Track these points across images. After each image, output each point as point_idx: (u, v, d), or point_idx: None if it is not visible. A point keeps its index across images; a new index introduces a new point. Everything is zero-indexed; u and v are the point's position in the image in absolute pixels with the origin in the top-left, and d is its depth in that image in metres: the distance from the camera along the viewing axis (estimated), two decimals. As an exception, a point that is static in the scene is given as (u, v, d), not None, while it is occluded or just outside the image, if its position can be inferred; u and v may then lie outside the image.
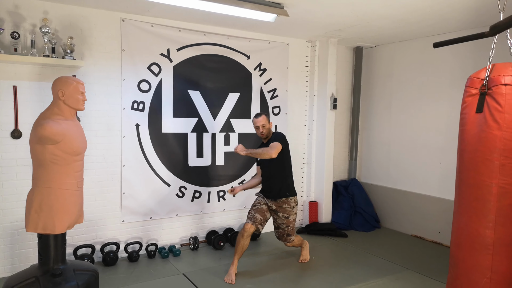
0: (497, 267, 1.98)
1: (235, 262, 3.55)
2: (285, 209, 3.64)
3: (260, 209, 3.64)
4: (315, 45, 5.10)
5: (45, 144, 2.43)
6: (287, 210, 3.64)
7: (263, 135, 3.67)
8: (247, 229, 3.50)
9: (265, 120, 3.64)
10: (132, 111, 3.97)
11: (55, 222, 2.49)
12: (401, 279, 3.59)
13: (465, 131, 2.10)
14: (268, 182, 3.71)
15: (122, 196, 3.97)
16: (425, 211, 4.79)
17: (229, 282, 3.43)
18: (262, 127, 3.63)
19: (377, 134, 5.46)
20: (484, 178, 2.00)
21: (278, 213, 3.65)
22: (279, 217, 3.66)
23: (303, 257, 3.98)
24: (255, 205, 3.69)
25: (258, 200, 3.73)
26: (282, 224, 3.67)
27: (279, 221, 3.67)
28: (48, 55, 3.37)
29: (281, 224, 3.67)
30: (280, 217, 3.65)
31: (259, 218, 3.58)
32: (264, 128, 3.64)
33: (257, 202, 3.71)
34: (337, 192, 5.43)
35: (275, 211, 3.67)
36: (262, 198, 3.73)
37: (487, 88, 2.02)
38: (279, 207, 3.64)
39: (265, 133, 3.65)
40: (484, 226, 2.00)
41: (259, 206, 3.66)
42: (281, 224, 3.67)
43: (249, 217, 3.60)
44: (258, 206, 3.66)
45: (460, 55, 4.39)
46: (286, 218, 3.64)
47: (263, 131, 3.64)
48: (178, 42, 4.18)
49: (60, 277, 2.51)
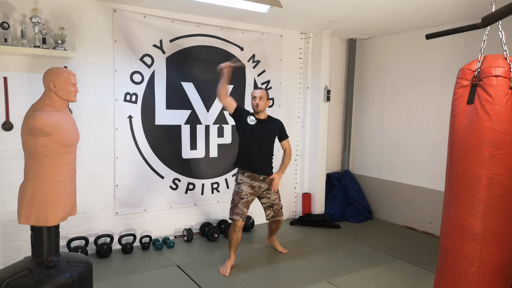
0: (485, 257, 2.01)
1: (232, 256, 3.56)
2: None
3: (247, 202, 3.57)
4: (308, 36, 5.09)
5: (36, 136, 2.41)
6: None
7: (257, 107, 3.57)
8: (238, 225, 3.49)
9: (264, 94, 3.60)
10: (124, 103, 3.94)
11: (48, 214, 2.48)
12: (393, 268, 3.64)
13: (456, 122, 2.12)
14: (259, 159, 3.60)
15: (116, 188, 3.96)
16: (416, 202, 4.85)
17: (223, 273, 3.45)
18: (259, 99, 3.56)
19: (370, 126, 5.49)
20: (474, 168, 2.03)
21: (270, 190, 3.68)
22: (272, 194, 3.70)
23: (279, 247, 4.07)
24: (242, 197, 3.56)
25: (245, 191, 3.57)
26: (276, 199, 3.73)
27: (273, 197, 3.71)
28: (38, 46, 3.33)
29: (275, 199, 3.72)
30: (273, 194, 3.70)
31: (246, 212, 3.54)
32: (261, 101, 3.57)
33: (243, 194, 3.56)
34: (330, 184, 5.46)
35: (267, 190, 3.67)
36: (248, 187, 3.58)
37: (478, 80, 2.04)
38: (270, 184, 3.67)
39: (261, 107, 3.57)
40: (473, 216, 2.03)
41: (247, 199, 3.57)
42: (275, 200, 3.72)
43: (237, 212, 3.51)
44: (246, 198, 3.56)
45: (452, 47, 4.41)
46: (277, 192, 3.75)
47: (259, 103, 3.56)
48: (171, 33, 4.14)
49: (54, 269, 2.50)
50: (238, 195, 3.58)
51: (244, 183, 3.61)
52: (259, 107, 3.57)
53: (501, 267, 2.02)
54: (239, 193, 3.58)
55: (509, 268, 2.06)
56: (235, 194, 3.61)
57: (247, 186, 3.60)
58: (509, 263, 2.05)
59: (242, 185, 3.60)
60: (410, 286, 3.30)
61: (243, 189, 3.58)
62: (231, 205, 3.59)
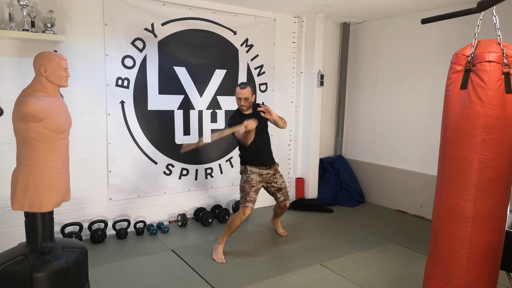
0: (475, 238, 2.05)
1: (224, 242, 3.54)
2: (279, 169, 3.87)
3: (257, 189, 3.63)
4: (302, 20, 5.05)
5: (28, 121, 2.37)
6: (279, 170, 3.92)
7: (243, 107, 3.55)
8: (248, 213, 3.51)
9: (249, 93, 3.51)
10: (116, 87, 3.90)
11: (42, 200, 2.46)
12: (385, 251, 3.71)
13: (449, 107, 2.14)
14: (265, 151, 3.71)
15: (109, 174, 3.95)
16: (408, 186, 4.92)
17: (220, 261, 3.43)
18: (244, 100, 3.51)
19: (362, 111, 5.51)
20: (465, 153, 2.05)
21: (276, 175, 3.76)
22: (278, 178, 3.78)
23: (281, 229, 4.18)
24: (252, 185, 3.59)
25: (255, 179, 3.62)
26: (283, 183, 3.82)
27: (280, 180, 3.79)
28: (27, 29, 3.26)
29: (283, 183, 3.81)
30: (279, 178, 3.78)
31: (256, 198, 3.61)
32: (247, 101, 3.52)
33: (254, 182, 3.60)
34: (323, 169, 5.50)
35: (274, 175, 3.75)
36: (257, 176, 3.64)
37: (471, 65, 2.05)
38: (276, 170, 3.78)
39: (246, 107, 3.55)
40: (465, 200, 2.07)
41: (257, 186, 3.61)
42: (283, 183, 3.82)
43: (249, 199, 3.53)
44: (256, 186, 3.61)
45: (446, 31, 4.40)
46: (282, 176, 3.84)
47: (244, 104, 3.52)
48: (163, 16, 4.08)
49: (49, 255, 2.50)
50: (248, 183, 3.60)
51: (253, 173, 3.65)
52: (245, 108, 3.56)
53: (490, 248, 2.07)
54: (250, 181, 3.60)
55: (497, 249, 2.11)
56: (245, 182, 3.61)
57: (256, 175, 3.65)
58: (497, 244, 2.10)
59: (251, 174, 3.64)
60: (401, 268, 3.37)
61: (253, 178, 3.62)
62: (242, 193, 3.59)
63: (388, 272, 3.29)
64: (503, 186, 2.05)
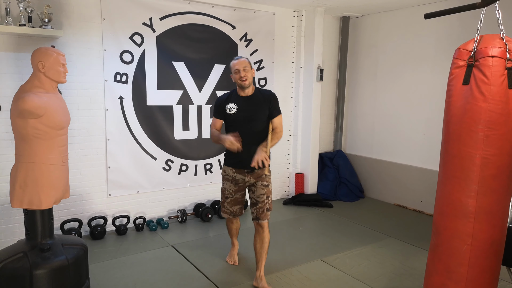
0: (477, 234, 2.05)
1: (235, 243, 3.41)
2: (265, 177, 2.94)
3: (233, 201, 3.04)
4: (301, 14, 5.01)
5: (26, 118, 2.35)
6: (267, 178, 2.95)
7: (244, 81, 2.82)
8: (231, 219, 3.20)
9: (247, 63, 2.87)
10: (115, 83, 3.86)
11: (41, 197, 2.45)
12: (384, 246, 3.72)
13: (451, 103, 2.12)
14: (249, 151, 2.82)
15: (108, 170, 3.92)
16: (407, 181, 4.92)
17: (233, 263, 3.34)
18: (244, 70, 2.82)
19: (362, 106, 5.49)
20: (468, 149, 2.04)
21: (256, 184, 2.94)
22: (258, 188, 2.93)
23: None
24: (226, 196, 3.04)
25: (228, 189, 3.01)
26: (262, 196, 2.92)
27: (258, 192, 2.93)
28: (24, 24, 3.22)
29: (261, 196, 2.92)
30: (258, 188, 2.93)
31: (235, 209, 3.08)
32: (247, 72, 2.83)
33: (227, 192, 3.02)
34: (323, 164, 5.50)
35: (253, 184, 2.96)
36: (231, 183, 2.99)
37: (474, 60, 2.03)
38: (259, 176, 2.93)
39: (248, 80, 2.83)
40: (467, 195, 2.06)
41: (231, 198, 3.03)
42: (261, 196, 2.92)
43: (224, 211, 3.09)
44: (230, 197, 3.03)
45: (446, 24, 4.38)
46: (266, 186, 2.94)
47: (245, 75, 2.81)
48: (161, 10, 4.03)
49: (49, 252, 2.49)
50: (222, 193, 3.09)
51: (226, 179, 3.03)
52: (247, 81, 2.83)
53: (491, 244, 2.07)
54: (223, 191, 3.08)
55: (499, 245, 2.11)
56: (221, 190, 3.11)
57: (229, 183, 3.01)
58: (499, 240, 2.10)
59: (224, 181, 3.05)
60: (401, 263, 3.38)
61: (225, 187, 3.04)
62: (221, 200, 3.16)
63: (388, 267, 3.30)
64: (506, 181, 2.04)
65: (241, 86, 2.88)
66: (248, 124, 2.88)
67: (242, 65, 2.83)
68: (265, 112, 2.91)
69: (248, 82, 2.84)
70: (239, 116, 2.89)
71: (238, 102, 2.91)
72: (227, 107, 2.92)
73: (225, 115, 2.94)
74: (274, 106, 2.94)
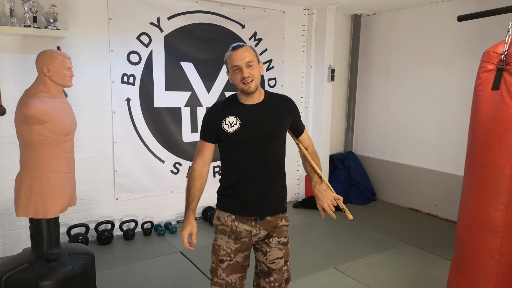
0: (506, 250, 1.93)
1: None
2: (284, 229, 2.01)
3: (234, 265, 1.93)
4: (312, 12, 4.87)
5: (31, 124, 2.26)
6: (286, 231, 2.02)
7: (250, 83, 1.81)
8: None
9: (251, 54, 1.83)
10: (122, 84, 3.77)
11: (46, 206, 2.36)
12: (399, 253, 3.60)
13: (479, 109, 2.00)
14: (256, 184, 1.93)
15: (115, 173, 3.84)
16: (421, 184, 4.78)
17: None
18: (247, 66, 1.81)
19: (374, 106, 5.35)
20: (497, 158, 1.92)
21: (270, 240, 1.94)
22: (273, 248, 1.93)
23: None
24: (221, 259, 1.93)
25: (224, 248, 1.92)
26: (279, 261, 1.94)
27: (273, 256, 1.93)
28: (29, 25, 3.13)
29: (277, 261, 1.93)
30: (274, 248, 1.93)
31: (236, 280, 1.94)
32: (252, 69, 1.82)
33: (222, 254, 1.92)
34: (333, 166, 5.37)
35: (264, 240, 1.95)
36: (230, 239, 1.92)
37: (505, 64, 1.90)
38: (274, 227, 1.96)
39: (255, 82, 1.82)
40: (495, 208, 1.94)
41: (229, 262, 1.92)
42: (277, 262, 1.93)
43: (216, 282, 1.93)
44: (227, 261, 1.92)
45: (461, 24, 4.18)
46: (284, 245, 1.98)
47: (249, 75, 1.81)
48: (169, 10, 3.93)
49: (55, 262, 2.41)
50: (215, 253, 1.97)
51: (221, 231, 1.95)
52: (253, 83, 1.82)
53: (521, 260, 1.95)
54: (216, 251, 1.96)
55: (528, 261, 1.99)
56: (212, 250, 2.00)
57: (227, 238, 1.93)
58: (529, 256, 1.98)
59: (219, 235, 1.96)
60: (418, 271, 3.26)
61: (220, 245, 1.94)
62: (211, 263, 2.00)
63: (404, 276, 3.18)
64: (538, 194, 1.91)
65: (244, 91, 1.86)
66: (258, 146, 1.90)
67: (245, 59, 1.81)
68: (283, 127, 1.98)
69: (254, 85, 1.83)
70: (244, 134, 1.88)
71: (241, 114, 1.89)
72: (224, 123, 1.89)
73: (220, 135, 1.92)
74: (297, 117, 2.05)
